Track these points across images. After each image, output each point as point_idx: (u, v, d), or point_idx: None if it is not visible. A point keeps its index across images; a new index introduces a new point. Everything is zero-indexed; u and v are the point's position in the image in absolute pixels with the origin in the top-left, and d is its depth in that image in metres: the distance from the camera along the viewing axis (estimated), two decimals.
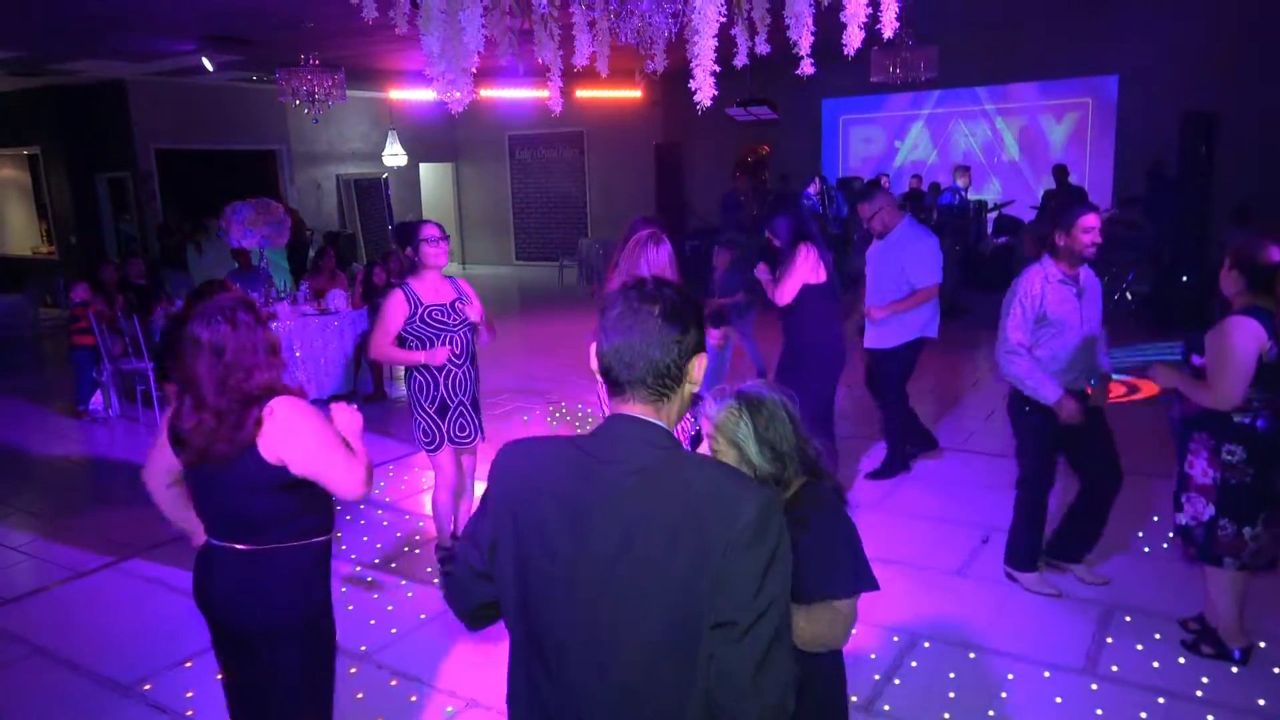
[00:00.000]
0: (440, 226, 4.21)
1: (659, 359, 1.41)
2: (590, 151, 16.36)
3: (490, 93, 11.37)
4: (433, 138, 16.40)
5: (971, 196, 11.98)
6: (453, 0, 3.25)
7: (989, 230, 12.29)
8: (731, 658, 1.33)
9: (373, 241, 15.29)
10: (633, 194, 15.08)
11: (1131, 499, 4.34)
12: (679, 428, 1.53)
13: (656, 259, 3.89)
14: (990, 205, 12.21)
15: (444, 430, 4.15)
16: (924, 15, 8.40)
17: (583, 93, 12.30)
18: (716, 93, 2.89)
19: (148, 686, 3.56)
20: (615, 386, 1.44)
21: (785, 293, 4.85)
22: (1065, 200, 10.62)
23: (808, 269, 4.80)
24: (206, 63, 10.07)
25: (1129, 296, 10.58)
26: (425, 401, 4.12)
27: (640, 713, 1.38)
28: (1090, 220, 3.68)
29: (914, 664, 3.53)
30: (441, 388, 4.12)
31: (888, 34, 3.36)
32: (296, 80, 8.89)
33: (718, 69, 2.87)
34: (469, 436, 4.24)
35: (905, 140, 13.57)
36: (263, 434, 2.21)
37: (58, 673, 3.73)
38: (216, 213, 8.86)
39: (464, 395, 4.18)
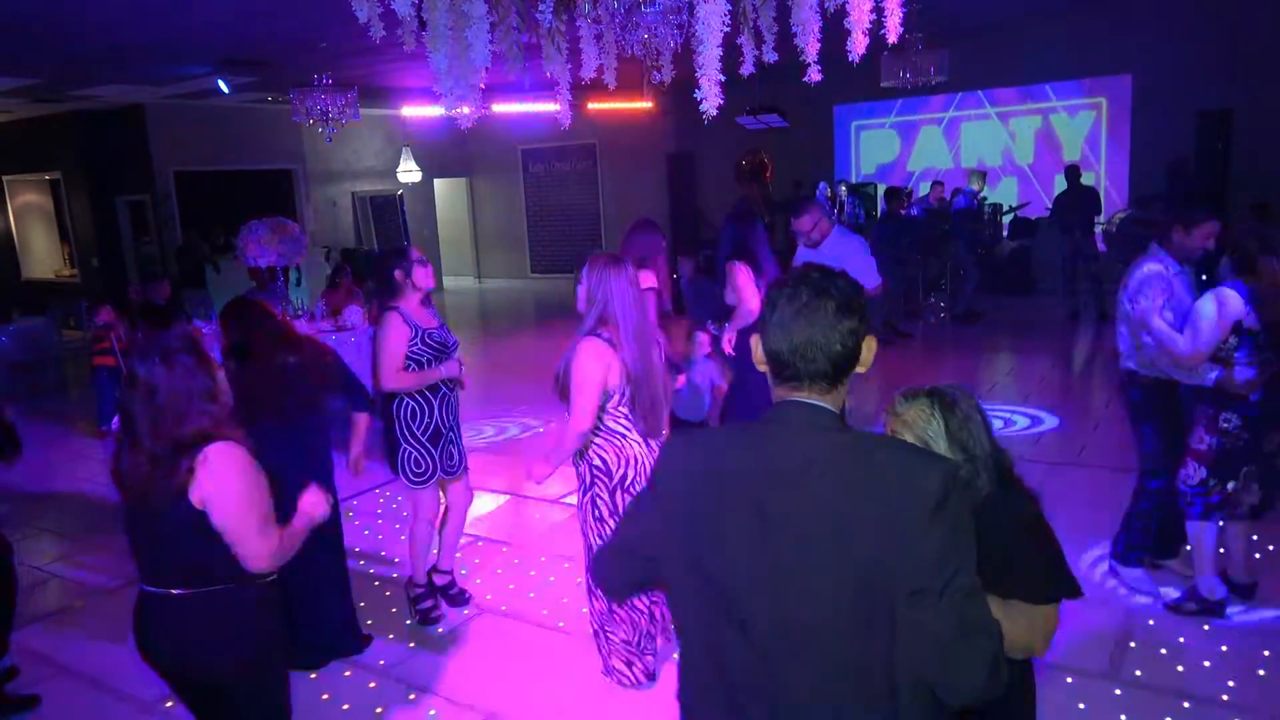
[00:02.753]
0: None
1: (839, 351, 1.48)
2: (603, 163, 16.42)
3: (502, 107, 11.44)
4: (446, 153, 16.52)
5: (987, 199, 11.93)
6: (460, 17, 3.29)
7: (1005, 233, 12.24)
8: (928, 625, 1.36)
9: None
10: (646, 204, 15.09)
11: None
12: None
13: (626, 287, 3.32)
14: (1006, 208, 12.15)
15: (436, 460, 3.99)
16: (933, 18, 8.39)
17: (594, 105, 12.37)
18: (723, 102, 2.91)
19: (169, 704, 3.58)
20: (792, 378, 1.50)
21: (752, 310, 4.22)
22: (1080, 200, 10.43)
23: (752, 287, 4.30)
24: (222, 85, 10.21)
25: None
26: (418, 429, 3.93)
27: (838, 687, 1.41)
28: (1211, 228, 3.79)
29: None
30: (437, 413, 3.96)
31: (892, 39, 3.37)
32: (310, 100, 8.98)
33: (723, 78, 2.87)
34: (455, 465, 4.11)
35: (918, 144, 13.54)
36: (194, 480, 2.14)
37: (83, 691, 3.77)
38: (234, 232, 8.96)
39: (455, 420, 4.08)
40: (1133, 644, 3.60)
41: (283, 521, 2.33)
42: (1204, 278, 4.21)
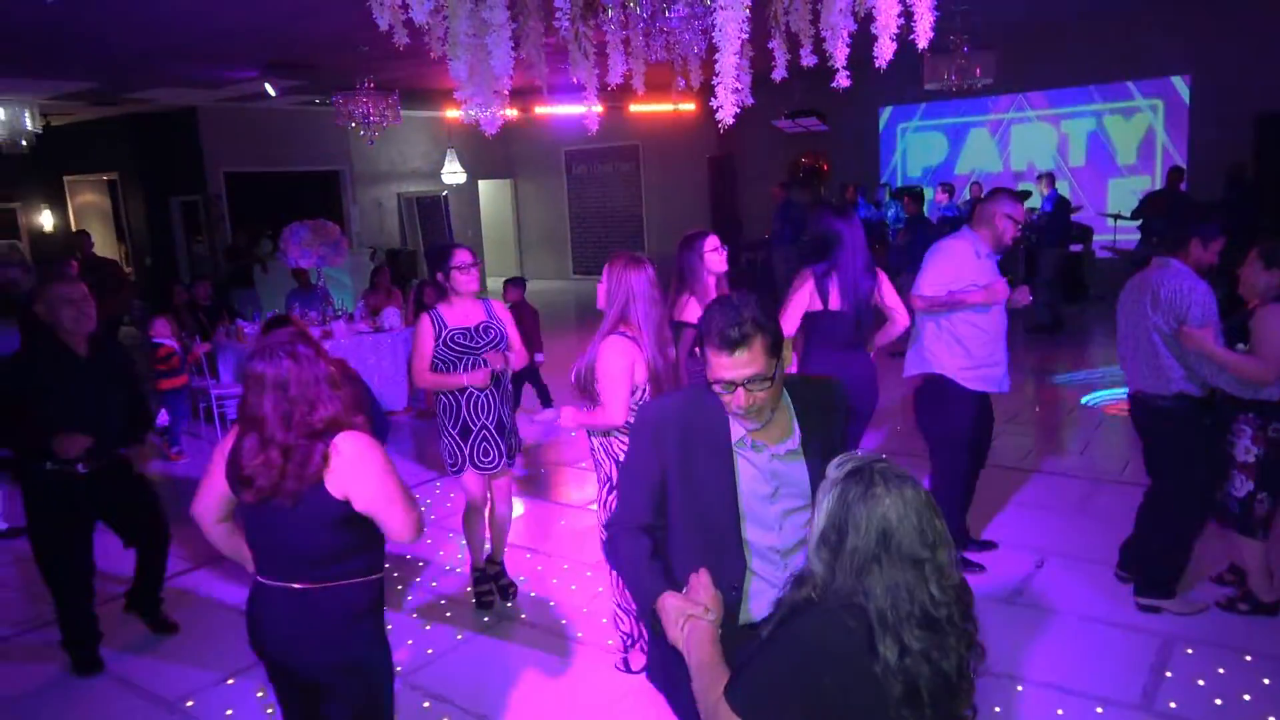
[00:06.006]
0: (471, 251, 4.13)
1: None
2: (646, 165, 16.39)
3: (544, 109, 11.46)
4: (491, 155, 16.62)
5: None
6: (480, 25, 3.27)
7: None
8: None
9: None
10: (688, 206, 15.05)
11: None
12: None
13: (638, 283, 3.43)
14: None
15: (466, 453, 4.08)
16: (981, 18, 8.20)
17: (636, 107, 12.34)
18: (739, 110, 2.85)
19: (190, 703, 3.63)
20: None
21: (784, 324, 4.13)
22: (1171, 206, 9.83)
23: (803, 296, 4.17)
24: (269, 88, 10.38)
25: None
26: (449, 423, 4.08)
27: None
28: (1221, 244, 3.87)
29: None
30: (464, 410, 4.04)
31: (922, 44, 3.26)
32: (352, 104, 9.07)
33: (739, 87, 2.81)
34: (493, 462, 4.12)
35: (966, 146, 13.26)
36: (330, 469, 2.21)
37: (108, 688, 3.82)
38: (281, 234, 9.09)
39: (488, 419, 4.07)
40: (1168, 674, 3.45)
41: None
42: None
